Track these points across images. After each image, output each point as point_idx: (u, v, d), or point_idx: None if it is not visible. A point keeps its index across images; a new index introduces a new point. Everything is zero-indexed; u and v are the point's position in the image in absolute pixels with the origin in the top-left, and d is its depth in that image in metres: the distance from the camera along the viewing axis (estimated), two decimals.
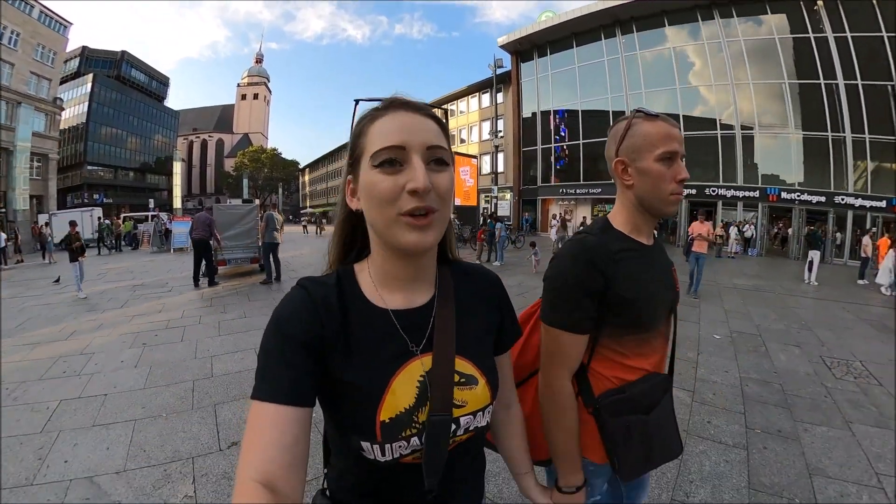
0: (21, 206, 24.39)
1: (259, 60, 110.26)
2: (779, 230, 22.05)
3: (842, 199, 18.66)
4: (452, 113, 36.58)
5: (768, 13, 21.15)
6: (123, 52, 64.51)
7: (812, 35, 19.86)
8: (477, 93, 33.67)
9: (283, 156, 78.73)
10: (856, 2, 19.17)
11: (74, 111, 53.08)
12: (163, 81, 72.95)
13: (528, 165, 29.56)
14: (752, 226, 19.59)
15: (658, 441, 1.15)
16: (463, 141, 35.63)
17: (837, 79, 19.20)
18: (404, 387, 0.68)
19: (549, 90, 27.54)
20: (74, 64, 58.33)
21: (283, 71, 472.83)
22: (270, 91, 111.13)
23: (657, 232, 1.61)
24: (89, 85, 54.52)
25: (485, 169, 29.00)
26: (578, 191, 25.83)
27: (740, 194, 20.90)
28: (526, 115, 29.38)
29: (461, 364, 0.73)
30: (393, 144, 0.64)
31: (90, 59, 61.01)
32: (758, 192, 20.38)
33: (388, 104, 0.69)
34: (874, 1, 18.89)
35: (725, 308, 7.62)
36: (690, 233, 8.77)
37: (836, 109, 19.23)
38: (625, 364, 1.09)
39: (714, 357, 4.93)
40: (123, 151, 59.45)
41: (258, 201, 13.22)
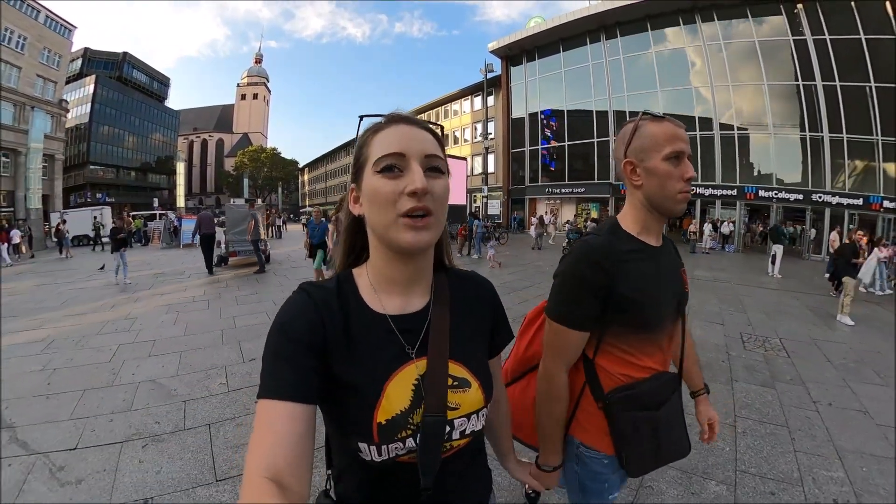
0: (35, 205, 25.56)
1: (258, 60, 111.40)
2: (762, 227, 22.91)
3: (819, 198, 19.67)
4: (447, 114, 38.00)
5: (749, 17, 22.38)
6: (125, 54, 65.70)
7: (791, 38, 21.01)
8: (469, 96, 34.95)
9: (283, 155, 79.73)
10: (835, 2, 20.30)
11: (77, 112, 54.03)
12: (163, 82, 74.11)
13: (517, 166, 30.81)
14: (732, 222, 20.58)
15: (666, 439, 1.18)
16: (456, 142, 36.97)
17: (816, 80, 20.31)
18: (400, 390, 0.70)
19: (538, 93, 28.79)
20: (77, 65, 59.28)
21: (283, 70, 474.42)
22: (270, 91, 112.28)
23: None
24: (92, 86, 55.72)
25: (477, 170, 30.28)
26: (563, 190, 27.13)
27: (718, 192, 21.96)
28: (515, 118, 30.59)
29: (455, 368, 0.75)
30: (394, 152, 0.69)
31: (92, 61, 62.11)
32: (735, 191, 21.45)
33: (389, 118, 0.75)
34: (852, 4, 20.15)
35: None
36: None
37: (815, 110, 20.27)
38: (632, 362, 1.12)
39: None
40: (125, 151, 60.57)
41: (260, 201, 14.63)
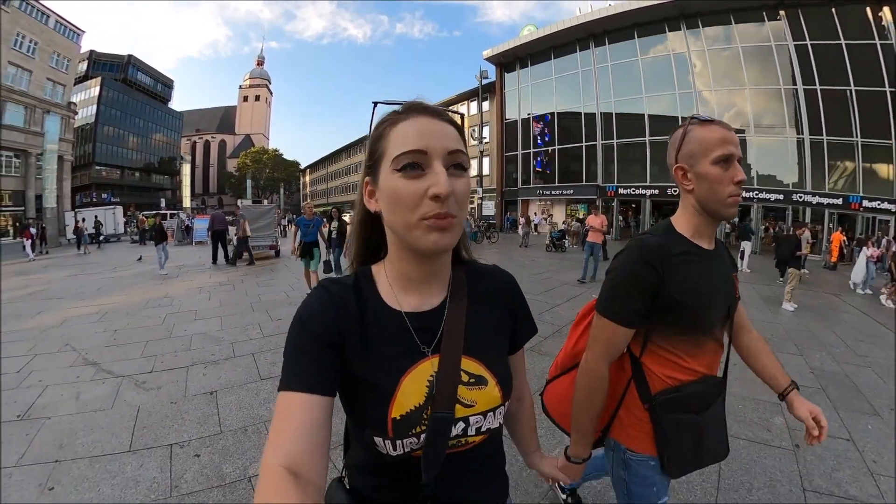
0: (51, 204, 26.80)
1: (260, 63, 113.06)
2: (730, 227, 24.17)
3: (799, 197, 20.90)
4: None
5: (732, 24, 23.65)
6: (130, 56, 66.86)
7: (773, 43, 22.24)
8: (465, 101, 36.39)
9: (284, 156, 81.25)
10: (817, 8, 21.51)
11: (83, 113, 55.04)
12: (167, 84, 75.35)
13: (511, 168, 32.02)
14: None
15: (707, 442, 1.21)
16: None
17: (797, 84, 21.52)
18: (414, 386, 0.71)
19: (530, 99, 30.10)
20: (82, 67, 60.09)
21: (284, 70, 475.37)
22: (271, 93, 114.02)
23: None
24: (97, 88, 56.99)
25: (472, 172, 31.46)
26: (554, 192, 28.42)
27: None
28: (509, 122, 31.79)
29: (471, 364, 0.75)
30: (415, 149, 0.65)
31: (97, 63, 63.17)
32: None
33: (408, 108, 0.71)
34: (833, 10, 21.37)
35: None
36: (587, 225, 10.16)
37: (796, 113, 21.45)
38: (678, 364, 1.15)
39: (576, 305, 6.52)
40: (129, 152, 61.73)
41: (266, 202, 16.28)
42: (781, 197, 21.35)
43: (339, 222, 9.19)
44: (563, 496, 2.17)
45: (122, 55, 66.62)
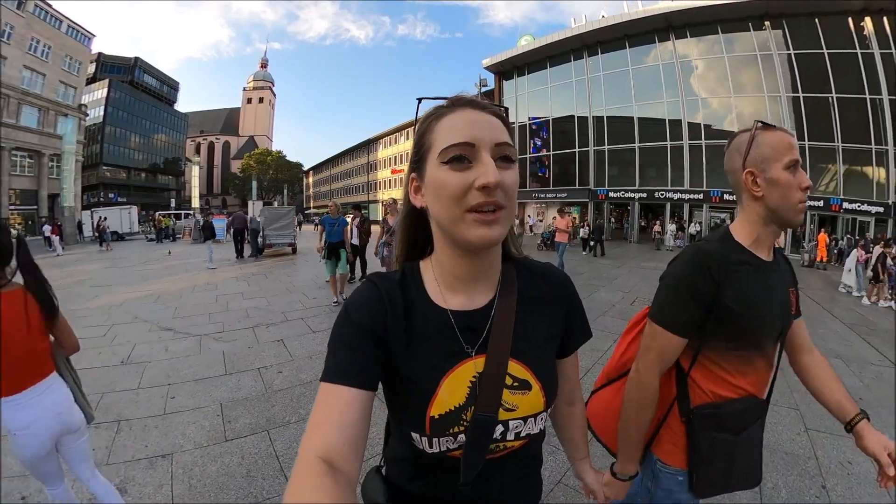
0: (69, 203, 27.99)
1: (264, 65, 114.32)
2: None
3: None
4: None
5: (720, 33, 24.91)
6: (136, 59, 68.08)
7: (759, 53, 23.49)
8: None
9: (287, 157, 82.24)
10: (800, 18, 22.77)
11: (91, 114, 55.43)
12: (173, 86, 76.67)
13: None
14: (699, 223, 23.03)
15: (740, 465, 1.16)
16: None
17: (781, 91, 22.84)
18: (455, 386, 0.70)
19: (527, 106, 31.35)
20: (90, 69, 61.25)
21: (287, 72, 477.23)
22: (275, 94, 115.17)
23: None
24: (105, 90, 58.12)
25: None
26: (549, 195, 29.66)
27: (686, 196, 24.40)
28: None
29: (516, 368, 0.74)
30: (462, 141, 0.65)
31: (105, 65, 64.10)
32: (702, 195, 23.90)
33: (454, 101, 0.71)
34: (816, 20, 22.58)
35: (590, 273, 11.30)
36: (553, 226, 10.67)
37: (780, 119, 22.40)
38: (725, 379, 1.12)
39: None
40: (135, 153, 62.92)
41: (276, 203, 18.21)
42: None
43: (362, 219, 8.91)
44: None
45: (130, 58, 67.86)
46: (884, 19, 21.84)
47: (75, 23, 36.00)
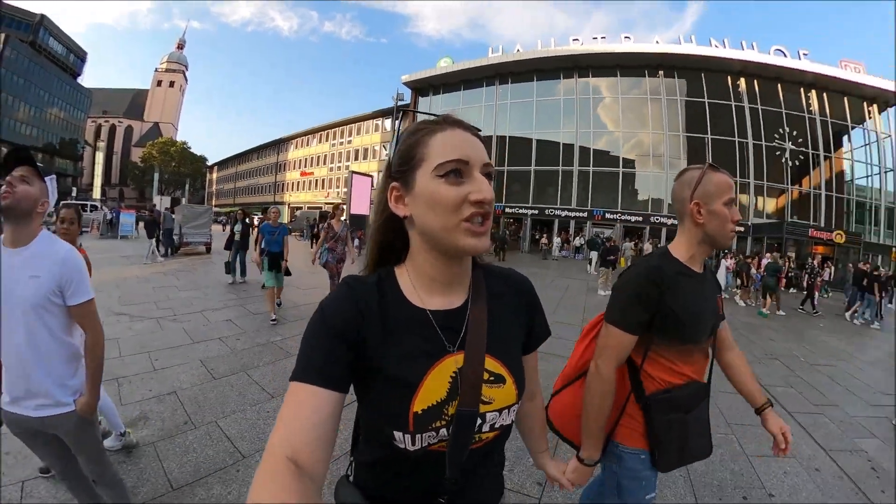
0: None
1: (181, 46, 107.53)
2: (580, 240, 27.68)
3: (656, 219, 26.56)
4: (359, 131, 43.16)
5: (617, 76, 28.90)
6: (42, 17, 59.82)
7: (649, 97, 27.80)
8: (381, 118, 39.80)
9: (192, 149, 77.75)
10: (690, 72, 27.54)
11: None
12: (80, 56, 69.16)
13: None
14: (583, 236, 25.91)
15: (692, 440, 1.39)
16: (365, 157, 42.24)
17: (663, 129, 27.50)
18: (437, 382, 0.74)
19: None
20: None
21: (204, 57, 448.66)
22: (187, 80, 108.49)
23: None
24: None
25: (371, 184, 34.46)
26: None
27: (573, 214, 28.35)
28: None
29: (491, 363, 0.78)
30: (458, 158, 0.71)
31: (4, 17, 54.14)
32: (586, 214, 27.91)
33: (445, 119, 0.78)
34: (702, 74, 27.37)
35: None
36: None
37: (663, 153, 27.31)
38: (672, 369, 1.35)
39: None
40: (25, 127, 55.03)
41: (184, 200, 18.14)
42: (640, 219, 26.94)
43: (244, 224, 9.56)
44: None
45: (35, 14, 59.08)
46: (755, 81, 27.64)
47: None
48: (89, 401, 1.67)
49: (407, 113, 35.11)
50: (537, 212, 29.24)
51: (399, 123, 22.70)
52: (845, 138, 29.16)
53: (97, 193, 52.22)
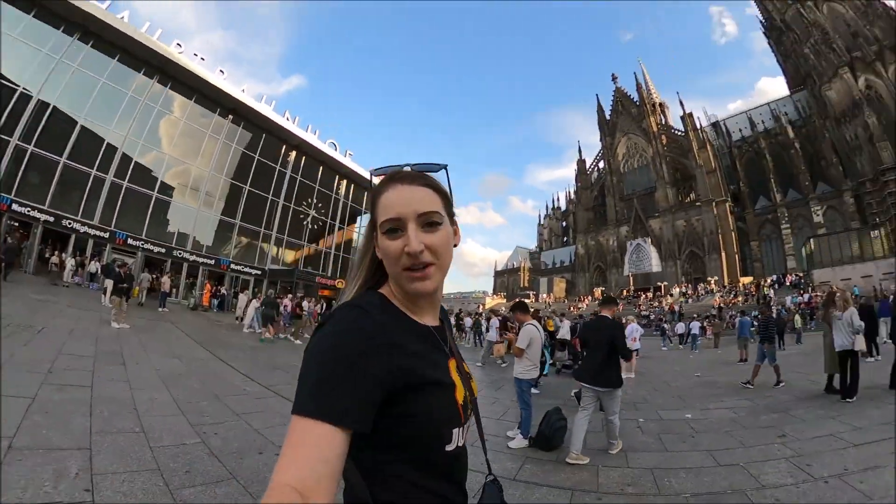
0: None
1: None
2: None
3: (179, 254, 26.57)
4: None
5: (192, 101, 29.20)
6: None
7: (209, 132, 30.47)
8: None
9: None
10: (254, 127, 30.53)
11: None
12: None
13: None
14: (99, 261, 21.95)
15: None
16: None
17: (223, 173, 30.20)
18: (457, 377, 0.88)
19: None
20: None
21: None
22: None
23: None
24: None
25: None
26: None
27: (93, 232, 23.42)
28: None
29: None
30: (391, 217, 0.81)
31: None
32: (108, 234, 23.89)
33: (389, 179, 0.87)
34: (264, 135, 31.11)
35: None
36: None
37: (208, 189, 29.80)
38: None
39: None
40: None
41: None
42: (164, 250, 26.11)
43: None
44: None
45: None
46: (303, 157, 34.22)
47: None
48: None
49: None
50: (53, 220, 22.06)
51: None
52: (358, 217, 40.45)
53: None
